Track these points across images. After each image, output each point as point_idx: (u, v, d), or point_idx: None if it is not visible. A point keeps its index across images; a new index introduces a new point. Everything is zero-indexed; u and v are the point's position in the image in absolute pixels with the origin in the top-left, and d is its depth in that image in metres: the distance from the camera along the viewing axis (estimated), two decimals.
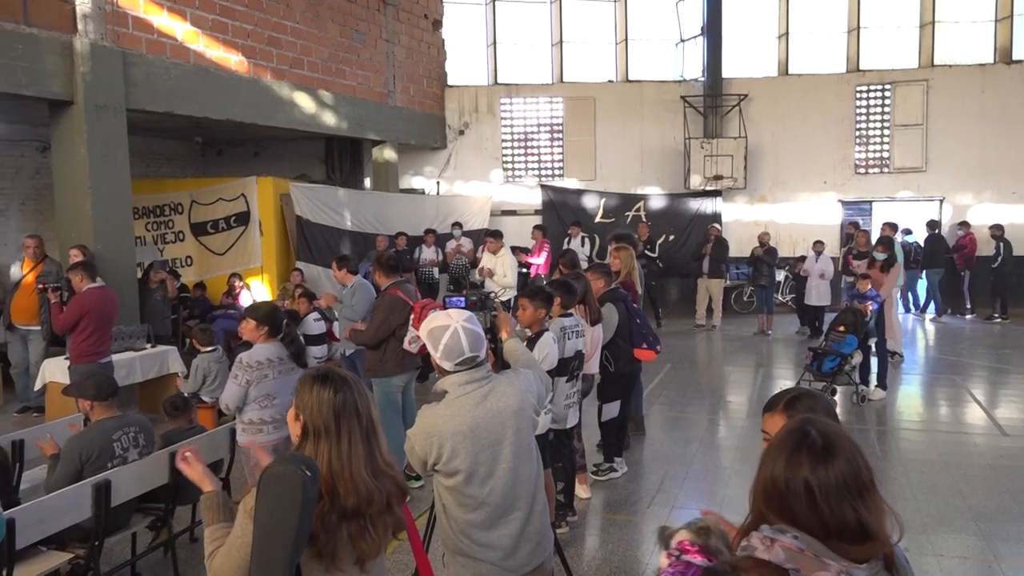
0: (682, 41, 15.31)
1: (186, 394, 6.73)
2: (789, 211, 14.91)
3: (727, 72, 14.81)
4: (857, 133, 14.70)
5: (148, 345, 8.07)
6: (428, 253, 12.79)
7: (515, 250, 11.79)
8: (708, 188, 14.37)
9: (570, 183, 15.38)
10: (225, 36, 9.87)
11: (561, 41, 15.62)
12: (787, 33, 15.03)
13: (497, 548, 2.78)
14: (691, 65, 15.24)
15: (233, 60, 10.00)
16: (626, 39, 15.48)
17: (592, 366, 5.99)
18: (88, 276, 6.59)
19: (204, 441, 4.96)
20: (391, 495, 2.21)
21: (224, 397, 4.78)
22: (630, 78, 15.46)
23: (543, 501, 2.95)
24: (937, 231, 14.02)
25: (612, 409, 6.13)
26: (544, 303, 4.73)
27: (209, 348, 7.17)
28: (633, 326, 6.08)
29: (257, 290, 11.58)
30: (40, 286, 7.26)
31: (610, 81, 15.49)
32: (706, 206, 14.81)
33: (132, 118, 8.62)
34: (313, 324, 8.71)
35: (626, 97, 15.22)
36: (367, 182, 14.56)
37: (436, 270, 12.83)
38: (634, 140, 15.16)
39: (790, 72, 15.02)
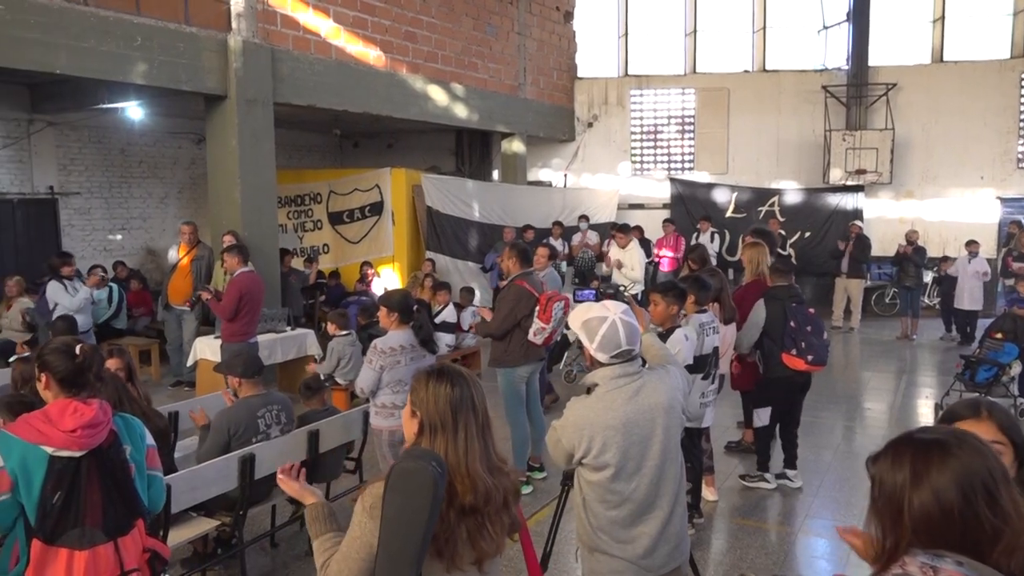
0: (825, 28, 14.56)
1: (321, 376, 7.03)
2: (939, 208, 13.92)
3: (874, 60, 13.96)
4: (1022, 124, 13.52)
5: (288, 328, 8.49)
6: (555, 246, 12.78)
7: (643, 242, 11.61)
8: (849, 183, 13.62)
9: (700, 176, 14.98)
10: (365, 32, 10.21)
11: (695, 31, 15.22)
12: (943, 17, 14.00)
13: (636, 547, 2.74)
14: (834, 53, 14.47)
15: (372, 55, 10.33)
16: (764, 27, 14.88)
17: (723, 365, 5.82)
18: (241, 259, 7.00)
19: (338, 422, 5.15)
20: (507, 492, 2.17)
21: (359, 381, 4.94)
22: (767, 68, 14.86)
23: (684, 503, 2.89)
24: None
25: (762, 416, 5.85)
26: (677, 299, 4.62)
27: (344, 332, 7.45)
28: (786, 329, 5.59)
29: (388, 278, 11.96)
30: (191, 303, 7.89)
31: (746, 71, 14.95)
32: (846, 202, 14.05)
33: (277, 111, 9.06)
34: (447, 312, 8.89)
35: (762, 87, 14.65)
36: (495, 174, 14.74)
37: (564, 263, 12.83)
38: (770, 132, 14.58)
39: (945, 59, 13.99)
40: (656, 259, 12.56)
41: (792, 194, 14.36)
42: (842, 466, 6.50)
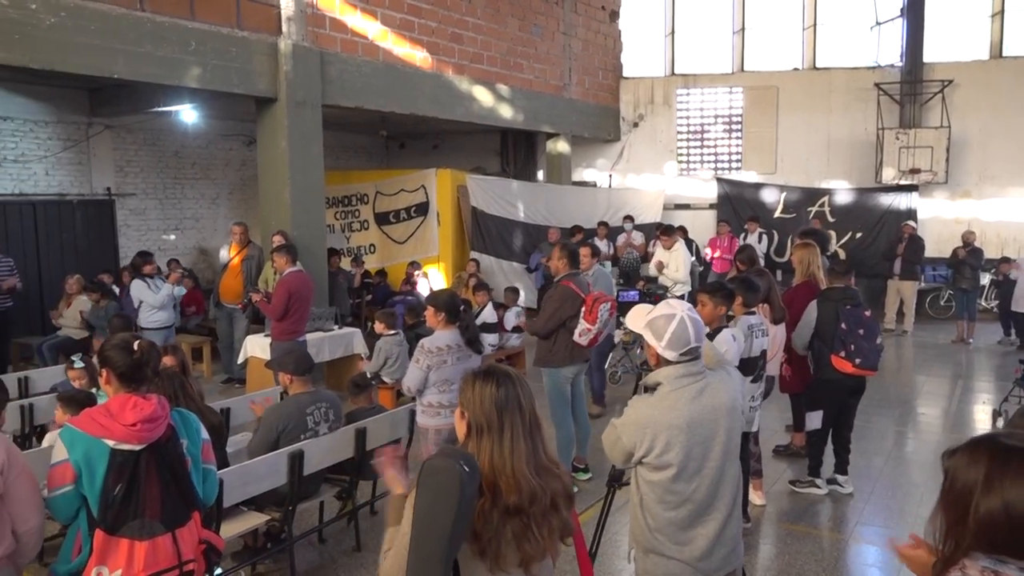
0: (878, 24, 14.24)
1: (368, 374, 7.11)
2: (998, 208, 13.50)
3: (929, 56, 13.62)
4: None
5: (335, 327, 8.61)
6: (599, 246, 12.73)
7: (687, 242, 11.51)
8: (902, 182, 13.30)
9: (748, 176, 14.78)
10: (411, 34, 10.30)
11: (743, 28, 15.02)
12: (1002, 11, 13.58)
13: (694, 548, 2.73)
14: (887, 50, 14.14)
15: (418, 56, 10.42)
16: (814, 24, 14.61)
17: (771, 367, 5.74)
18: (290, 259, 7.13)
19: (386, 420, 5.21)
20: (556, 495, 2.14)
21: (406, 380, 4.98)
22: (817, 65, 14.59)
23: (740, 506, 2.88)
24: None
25: (814, 419, 5.73)
26: (724, 300, 4.57)
27: (391, 332, 7.52)
28: (837, 331, 5.48)
29: (434, 278, 12.06)
30: (243, 304, 8.07)
31: (795, 69, 14.70)
32: (899, 202, 13.72)
33: (325, 113, 9.19)
34: (486, 312, 8.92)
35: (812, 85, 14.38)
36: (540, 174, 14.74)
37: (608, 264, 12.77)
38: (820, 131, 14.31)
39: (1004, 55, 13.57)
40: (708, 259, 12.44)
41: (843, 194, 14.08)
42: (894, 472, 6.36)
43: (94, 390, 4.80)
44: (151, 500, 2.58)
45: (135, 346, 2.74)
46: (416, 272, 11.68)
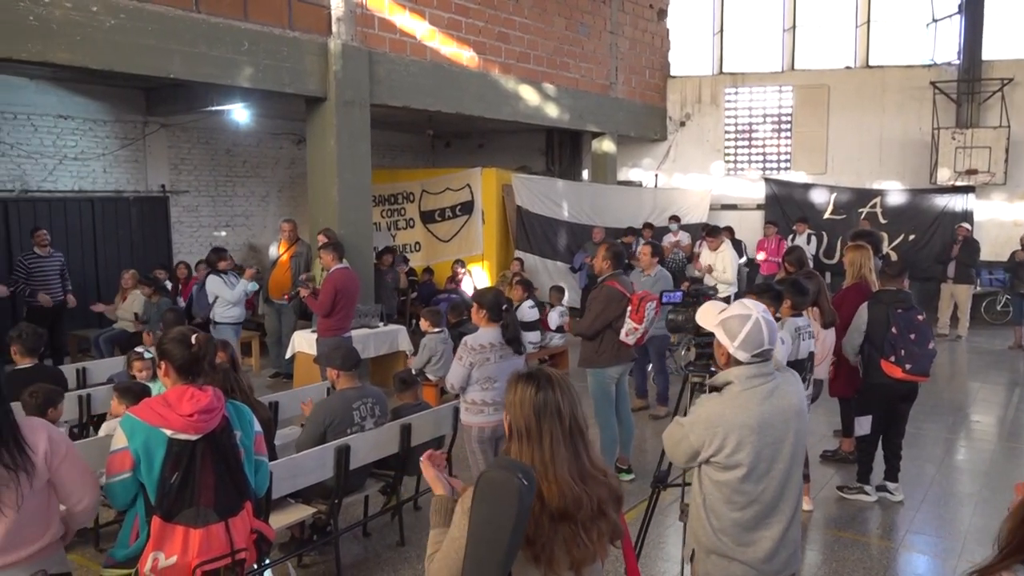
0: (934, 21, 13.89)
1: (413, 371, 7.18)
2: None
3: (988, 54, 13.22)
4: None
5: (381, 324, 8.71)
6: (658, 244, 12.64)
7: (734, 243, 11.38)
8: (958, 183, 12.94)
9: (797, 176, 14.54)
10: (459, 33, 10.36)
11: (794, 26, 14.77)
12: None
13: (757, 550, 2.71)
14: (944, 47, 13.78)
15: (465, 56, 10.47)
16: (868, 21, 14.30)
17: (820, 371, 5.65)
18: (337, 256, 7.23)
19: (430, 417, 5.26)
20: (602, 500, 2.12)
21: (449, 377, 5.01)
22: (870, 63, 14.28)
23: (801, 510, 2.86)
24: None
25: (863, 424, 5.63)
26: (772, 302, 4.50)
27: (436, 329, 7.57)
28: (887, 335, 5.38)
29: (478, 276, 12.11)
30: (289, 296, 8.20)
31: (847, 67, 14.41)
32: (955, 203, 13.36)
33: (373, 112, 9.29)
34: (528, 311, 8.93)
35: (865, 84, 14.09)
36: (585, 174, 14.71)
37: None
38: (872, 130, 14.01)
39: None
40: (756, 261, 12.28)
41: (896, 195, 13.76)
42: (947, 480, 6.20)
43: (151, 382, 4.93)
44: (205, 489, 2.66)
45: (192, 340, 2.82)
46: (461, 270, 11.75)
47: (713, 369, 3.56)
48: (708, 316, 2.83)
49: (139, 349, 5.84)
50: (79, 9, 6.61)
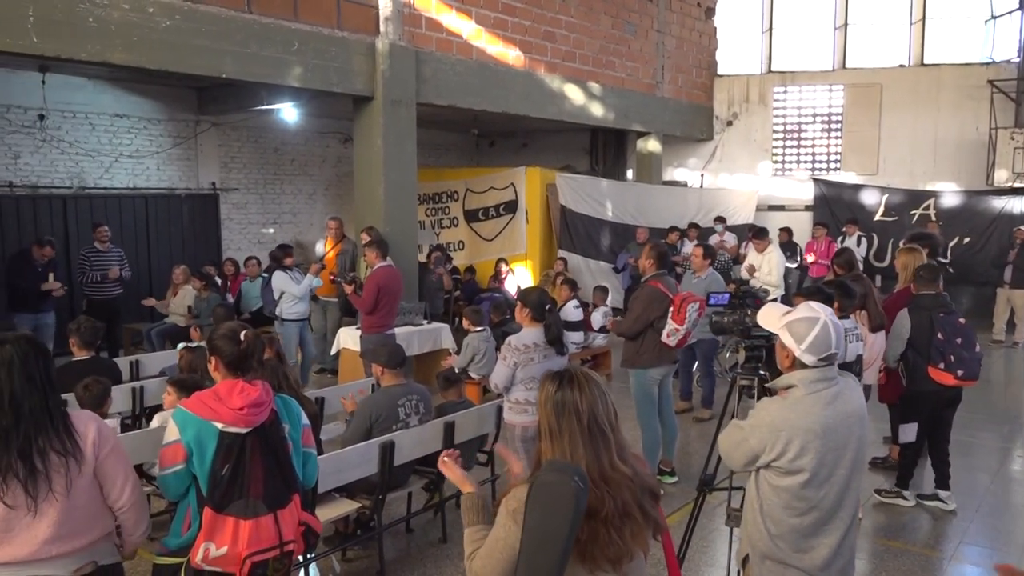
0: (993, 17, 13.49)
1: (456, 369, 7.22)
2: None
3: None
4: None
5: (424, 321, 8.76)
6: (689, 247, 12.53)
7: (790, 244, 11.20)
8: (1017, 185, 12.55)
9: (847, 177, 14.25)
10: (505, 32, 10.37)
11: (846, 24, 14.48)
12: None
13: (815, 556, 2.68)
14: (1003, 44, 13.37)
15: (511, 55, 10.48)
16: (923, 18, 13.95)
17: (869, 376, 5.53)
18: (380, 254, 7.30)
19: (473, 415, 5.28)
20: (626, 502, 2.09)
21: (493, 377, 5.02)
22: (925, 62, 13.93)
23: (858, 517, 2.81)
24: None
25: (907, 432, 5.51)
26: (823, 303, 4.42)
27: (479, 328, 7.60)
28: (934, 341, 5.26)
29: (521, 275, 12.11)
30: (332, 279, 8.25)
31: (901, 66, 14.07)
32: (1013, 205, 12.93)
33: (419, 111, 9.34)
34: (572, 311, 8.91)
35: (919, 83, 13.74)
36: (629, 173, 14.62)
37: None
38: (926, 130, 13.66)
39: None
40: (804, 263, 12.06)
41: (950, 196, 13.39)
42: (1002, 491, 6.03)
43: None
44: (255, 481, 2.71)
45: (241, 336, 2.88)
46: (504, 269, 11.77)
47: (762, 372, 3.52)
48: (771, 318, 2.79)
49: (182, 345, 5.97)
50: (136, 10, 6.78)
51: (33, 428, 2.37)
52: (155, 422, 4.92)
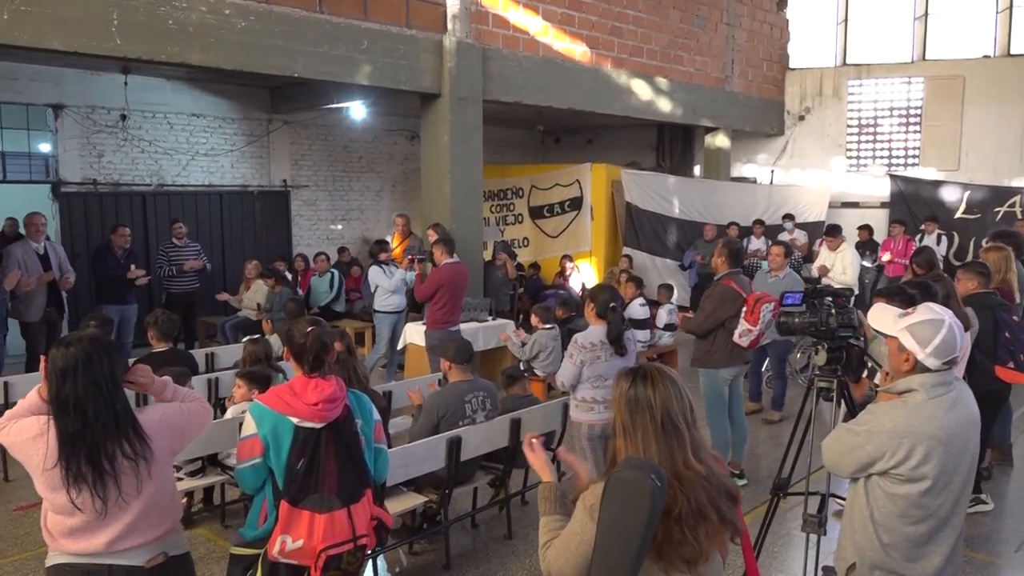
0: None
1: (519, 361, 7.22)
2: None
3: None
4: None
5: (489, 318, 8.79)
6: (756, 244, 12.28)
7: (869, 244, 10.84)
8: None
9: (926, 173, 13.70)
10: (572, 28, 10.31)
11: (926, 14, 13.92)
12: None
13: (927, 565, 2.60)
14: None
15: (577, 51, 10.41)
16: (1010, 6, 13.30)
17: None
18: (447, 251, 7.35)
19: (539, 412, 5.26)
20: (701, 502, 2.05)
21: (560, 375, 5.01)
22: (1012, 52, 13.29)
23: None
24: None
25: None
26: (905, 305, 4.25)
27: (547, 326, 7.56)
28: (1000, 340, 5.09)
29: (586, 272, 12.04)
30: (408, 257, 8.31)
31: (986, 56, 13.47)
32: None
33: (484, 108, 9.36)
34: (638, 309, 8.81)
35: (1005, 74, 13.12)
36: (697, 169, 14.37)
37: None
38: (1013, 124, 13.03)
39: None
40: (879, 262, 11.66)
41: None
42: None
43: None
44: (329, 475, 2.75)
45: (307, 331, 2.92)
46: (569, 266, 11.72)
47: (840, 374, 3.41)
48: (885, 320, 2.69)
49: (247, 338, 6.12)
50: (214, 12, 6.97)
51: (101, 433, 2.35)
52: (229, 413, 5.05)
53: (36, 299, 7.54)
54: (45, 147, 10.15)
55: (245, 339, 6.05)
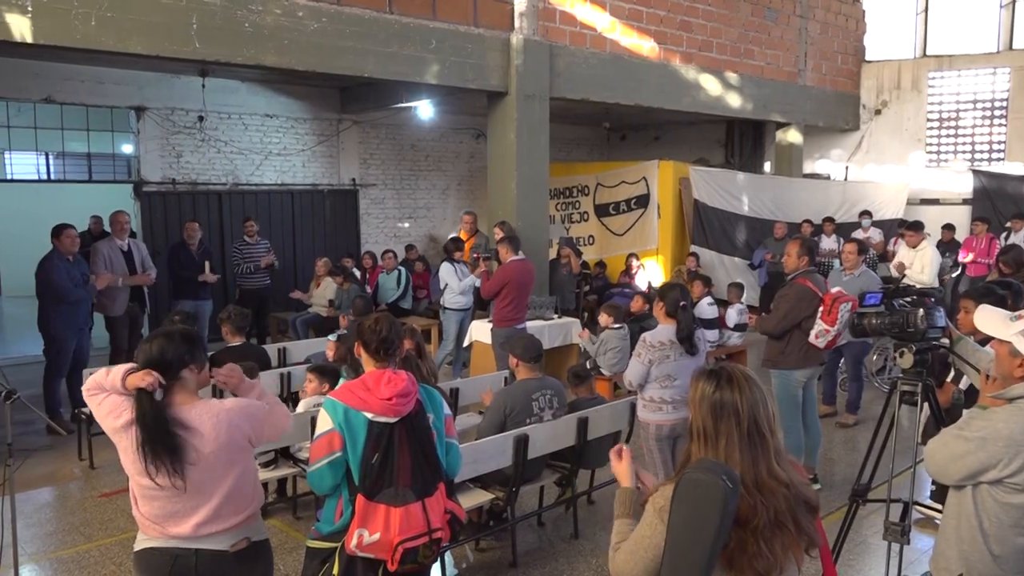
0: None
1: (586, 357, 7.18)
2: None
3: None
4: None
5: (555, 316, 8.76)
6: (827, 243, 11.92)
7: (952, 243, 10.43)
8: None
9: (1012, 168, 13.09)
10: (639, 23, 10.19)
11: (1013, 1, 13.29)
12: None
13: None
14: None
15: (645, 47, 10.29)
16: None
17: None
18: (512, 249, 7.35)
19: (607, 411, 5.21)
20: (780, 512, 1.99)
21: (628, 374, 4.95)
22: None
23: None
24: None
25: None
26: (995, 306, 4.05)
27: (617, 325, 7.50)
28: None
29: (652, 271, 11.91)
30: (475, 255, 8.35)
31: None
32: None
33: (550, 106, 9.33)
34: (706, 308, 8.66)
35: None
36: (767, 166, 14.07)
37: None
38: None
39: None
40: (960, 261, 11.19)
41: None
42: None
43: (342, 367, 5.21)
44: (403, 470, 2.77)
45: (382, 325, 2.95)
46: (635, 264, 11.60)
47: (925, 378, 3.27)
48: (996, 323, 2.58)
49: (330, 337, 6.23)
50: (287, 15, 7.12)
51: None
52: (300, 407, 5.16)
53: (120, 295, 7.83)
54: (128, 148, 10.57)
55: (333, 336, 6.15)
